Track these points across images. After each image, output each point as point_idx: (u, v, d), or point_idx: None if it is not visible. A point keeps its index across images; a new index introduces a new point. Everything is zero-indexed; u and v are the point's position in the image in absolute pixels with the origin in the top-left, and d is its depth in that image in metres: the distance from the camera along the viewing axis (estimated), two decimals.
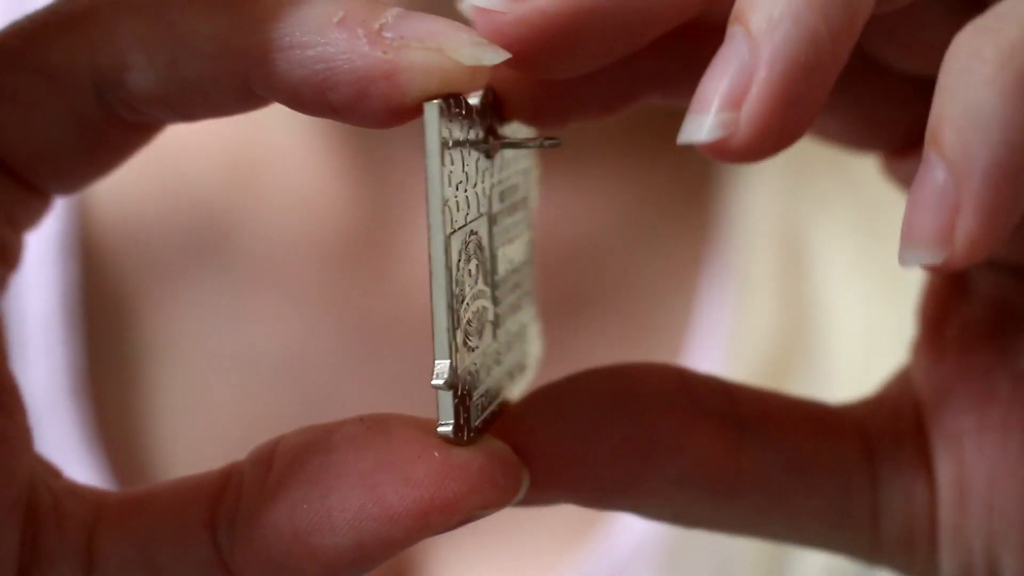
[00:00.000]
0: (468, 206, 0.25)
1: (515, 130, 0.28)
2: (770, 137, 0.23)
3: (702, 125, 0.23)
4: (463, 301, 0.25)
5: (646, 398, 0.27)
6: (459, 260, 0.25)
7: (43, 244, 0.48)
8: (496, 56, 0.24)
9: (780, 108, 0.23)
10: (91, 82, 0.25)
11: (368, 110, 0.24)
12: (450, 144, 0.24)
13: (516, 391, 0.28)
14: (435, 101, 0.23)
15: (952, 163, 0.23)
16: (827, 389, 0.46)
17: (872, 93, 0.29)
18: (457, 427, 0.24)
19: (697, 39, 0.27)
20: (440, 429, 0.24)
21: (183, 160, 0.49)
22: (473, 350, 0.25)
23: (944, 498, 0.29)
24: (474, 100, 0.25)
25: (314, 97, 0.24)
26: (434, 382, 0.24)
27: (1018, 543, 0.28)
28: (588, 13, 0.24)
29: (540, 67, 0.25)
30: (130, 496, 0.26)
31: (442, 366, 0.24)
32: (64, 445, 0.46)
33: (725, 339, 0.48)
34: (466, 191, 0.25)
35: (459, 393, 0.24)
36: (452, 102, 0.24)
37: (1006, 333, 0.29)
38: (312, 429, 0.25)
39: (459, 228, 0.25)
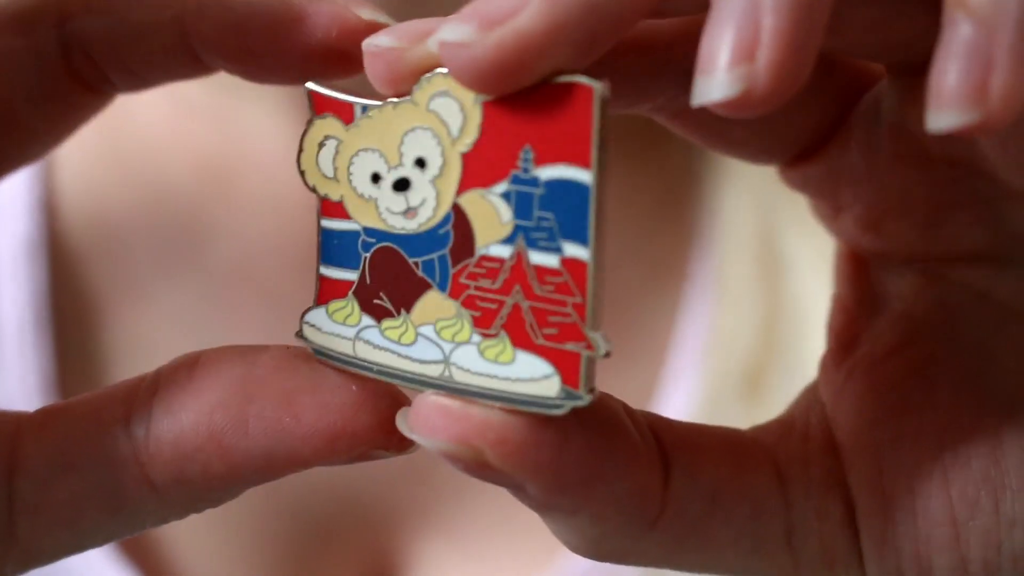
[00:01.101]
0: None
1: None
2: (788, 82, 0.23)
3: (718, 83, 0.23)
4: None
5: (606, 416, 0.27)
6: None
7: (11, 247, 0.48)
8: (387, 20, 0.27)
9: (794, 52, 0.23)
10: (55, 26, 0.27)
11: (281, 57, 0.27)
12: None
13: None
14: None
15: (982, 18, 0.22)
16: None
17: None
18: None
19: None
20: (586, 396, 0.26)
21: (154, 162, 0.50)
22: None
23: (863, 510, 0.29)
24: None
25: (236, 46, 0.27)
26: (603, 351, 0.26)
27: (947, 539, 0.28)
28: (558, 30, 0.24)
29: (508, 85, 0.25)
30: (52, 406, 0.28)
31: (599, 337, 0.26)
32: None
33: (705, 344, 0.48)
34: None
35: None
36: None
37: (916, 346, 0.29)
38: (238, 347, 0.27)
39: None
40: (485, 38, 0.24)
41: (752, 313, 0.48)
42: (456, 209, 0.26)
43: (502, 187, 0.26)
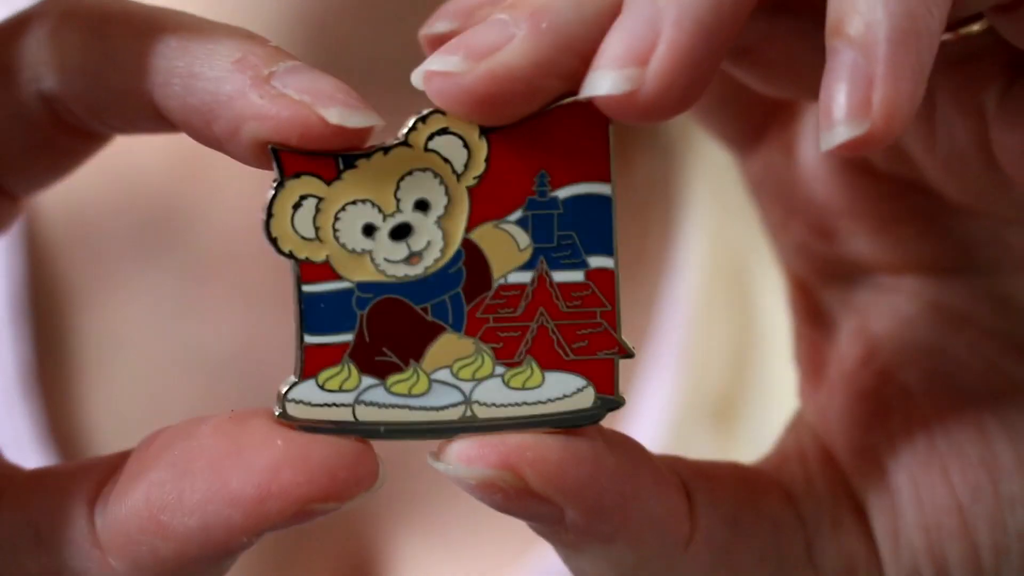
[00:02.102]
0: None
1: None
2: (673, 95, 0.24)
3: (606, 78, 0.24)
4: None
5: (629, 444, 0.28)
6: None
7: None
8: (363, 121, 0.25)
9: (686, 67, 0.24)
10: (33, 80, 0.27)
11: (240, 147, 0.26)
12: None
13: None
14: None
15: (858, 42, 0.23)
16: (775, 414, 0.46)
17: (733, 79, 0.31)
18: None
19: None
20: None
21: (130, 153, 0.45)
22: None
23: (874, 511, 0.30)
24: None
25: (200, 125, 0.26)
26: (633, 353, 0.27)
27: (955, 527, 0.30)
28: (553, 55, 0.25)
29: (497, 115, 0.26)
30: (37, 472, 0.28)
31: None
32: (15, 441, 0.46)
33: (674, 374, 0.48)
34: None
35: None
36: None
37: (879, 356, 0.32)
38: (192, 420, 0.27)
39: None
40: (475, 67, 0.25)
41: (722, 343, 0.48)
42: (468, 245, 0.26)
43: (517, 215, 0.26)
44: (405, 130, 0.26)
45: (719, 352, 0.49)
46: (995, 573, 0.30)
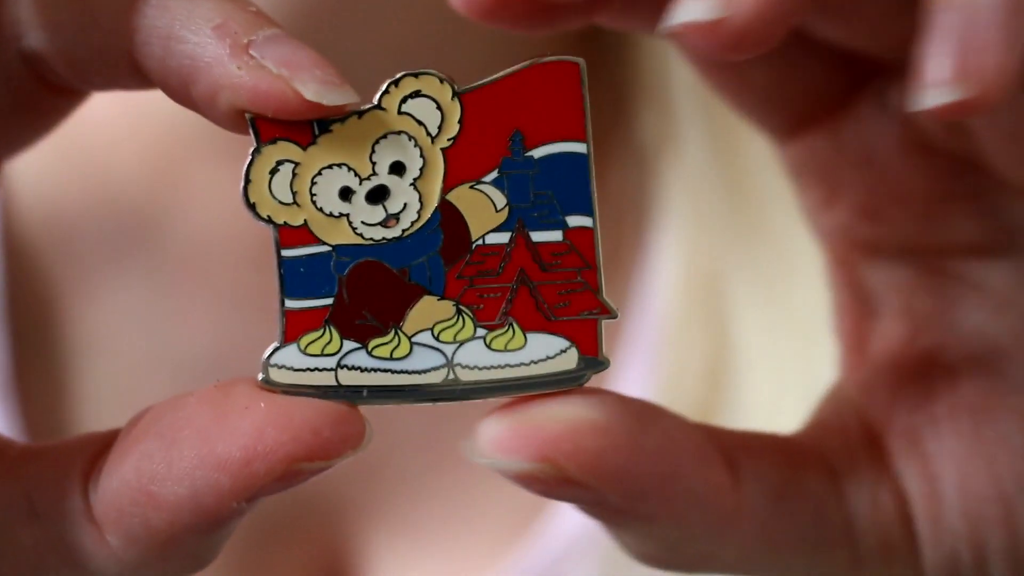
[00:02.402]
0: None
1: None
2: (760, 29, 0.24)
3: (697, 4, 0.24)
4: None
5: (667, 423, 0.27)
6: None
7: None
8: (340, 98, 0.25)
9: (772, 6, 0.24)
10: (13, 38, 0.27)
11: (217, 113, 0.26)
12: None
13: None
14: None
15: (966, 5, 0.24)
16: (752, 425, 0.46)
17: (789, 60, 0.30)
18: None
19: None
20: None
21: (107, 157, 0.46)
22: None
23: (915, 495, 0.30)
24: None
25: (178, 87, 0.26)
26: (616, 313, 0.27)
27: (999, 516, 0.30)
28: None
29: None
30: (29, 447, 0.28)
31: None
32: None
33: (650, 383, 0.48)
34: None
35: None
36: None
37: (924, 337, 0.31)
38: (174, 397, 0.27)
39: None
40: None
41: (697, 353, 0.48)
42: (445, 206, 0.26)
43: (492, 175, 0.26)
44: (378, 94, 0.26)
45: (694, 363, 0.49)
46: None
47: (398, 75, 0.26)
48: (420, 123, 0.26)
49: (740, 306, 0.49)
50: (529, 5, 0.27)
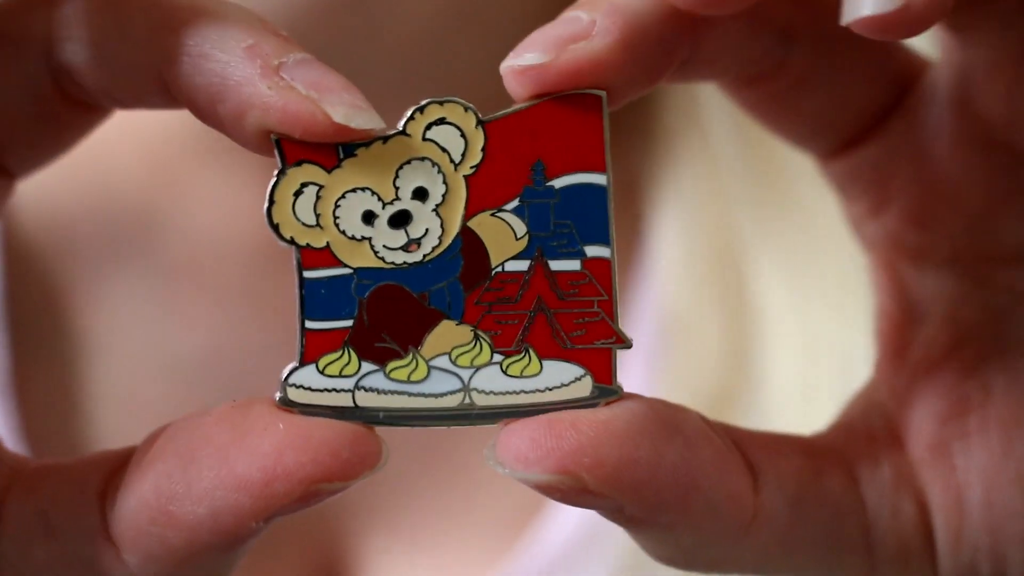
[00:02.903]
0: None
1: None
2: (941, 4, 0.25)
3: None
4: None
5: (690, 429, 0.27)
6: None
7: None
8: (367, 123, 0.26)
9: None
10: (43, 52, 0.27)
11: (245, 133, 0.26)
12: None
13: None
14: None
15: None
16: (770, 412, 0.46)
17: (831, 85, 0.31)
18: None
19: None
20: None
21: (107, 159, 0.46)
22: None
23: (938, 506, 0.30)
24: None
25: (205, 105, 0.26)
26: (631, 343, 0.27)
27: (1022, 532, 0.30)
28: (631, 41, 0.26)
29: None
30: (45, 464, 0.29)
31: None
32: None
33: (662, 365, 0.47)
34: None
35: None
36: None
37: (967, 348, 0.31)
38: (195, 412, 0.27)
39: None
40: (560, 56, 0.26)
41: (715, 332, 0.48)
42: (466, 233, 0.27)
43: (514, 203, 0.27)
44: (403, 120, 0.27)
45: (712, 340, 0.48)
46: None
47: (423, 102, 0.27)
48: (444, 150, 0.27)
49: (762, 280, 0.48)
50: None
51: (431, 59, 0.43)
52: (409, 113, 0.27)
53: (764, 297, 0.48)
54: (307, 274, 0.27)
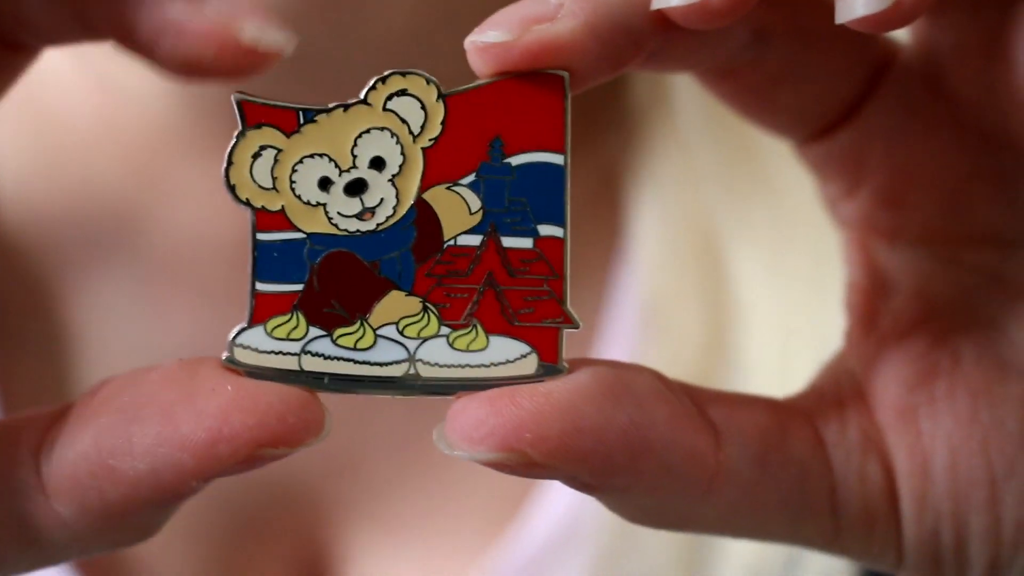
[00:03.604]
0: None
1: None
2: None
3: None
4: None
5: (642, 391, 0.27)
6: None
7: None
8: (276, 41, 0.26)
9: None
10: None
11: (161, 58, 0.27)
12: None
13: None
14: None
15: None
16: (756, 388, 0.45)
17: (807, 78, 0.31)
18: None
19: None
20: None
21: (86, 156, 0.46)
22: None
23: (903, 471, 0.30)
24: None
25: (122, 35, 0.26)
26: (579, 324, 0.27)
27: (985, 499, 0.30)
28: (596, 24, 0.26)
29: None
30: None
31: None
32: None
33: (641, 349, 0.47)
34: None
35: None
36: None
37: (936, 320, 0.32)
38: (134, 370, 0.28)
39: None
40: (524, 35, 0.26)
41: (693, 317, 0.48)
42: (420, 204, 0.27)
43: (470, 178, 0.27)
44: (365, 89, 0.27)
45: (691, 325, 0.48)
46: (1013, 546, 0.30)
47: (386, 72, 0.27)
48: (403, 121, 0.27)
49: (740, 263, 0.48)
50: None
51: (416, 54, 0.43)
52: (371, 83, 0.27)
53: (742, 281, 0.48)
54: (260, 236, 0.27)
